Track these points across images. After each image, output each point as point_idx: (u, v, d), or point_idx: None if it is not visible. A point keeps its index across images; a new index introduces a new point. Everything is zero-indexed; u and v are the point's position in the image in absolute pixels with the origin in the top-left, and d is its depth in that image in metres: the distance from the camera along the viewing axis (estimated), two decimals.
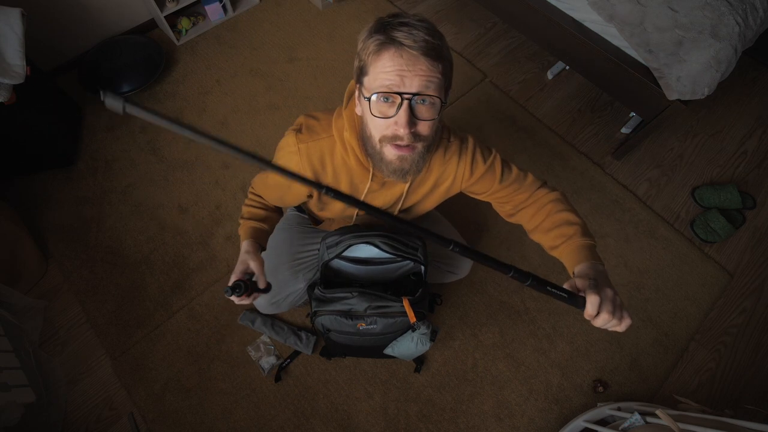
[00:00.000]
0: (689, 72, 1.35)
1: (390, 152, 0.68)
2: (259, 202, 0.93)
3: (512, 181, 0.86)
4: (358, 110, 0.73)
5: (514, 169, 0.86)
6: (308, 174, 0.79)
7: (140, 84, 1.82)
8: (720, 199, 1.67)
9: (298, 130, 0.79)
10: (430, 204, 0.93)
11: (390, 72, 0.61)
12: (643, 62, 1.46)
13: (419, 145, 0.68)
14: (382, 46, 0.62)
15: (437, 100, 0.64)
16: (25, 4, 1.58)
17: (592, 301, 0.59)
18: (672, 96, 1.38)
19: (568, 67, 2.01)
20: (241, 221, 0.90)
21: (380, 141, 0.68)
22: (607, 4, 1.46)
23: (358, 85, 0.69)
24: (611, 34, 1.51)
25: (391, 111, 0.64)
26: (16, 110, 1.38)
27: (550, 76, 2.01)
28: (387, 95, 0.62)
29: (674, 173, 1.80)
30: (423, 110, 0.64)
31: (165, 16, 1.90)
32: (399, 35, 0.60)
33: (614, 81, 1.59)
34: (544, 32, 1.72)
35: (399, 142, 0.66)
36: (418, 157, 0.70)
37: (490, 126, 1.87)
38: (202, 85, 1.92)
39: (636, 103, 1.58)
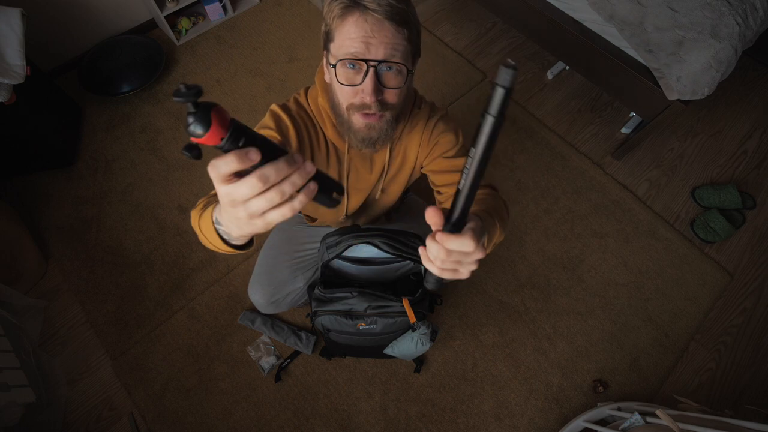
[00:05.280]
0: (689, 72, 1.35)
1: (358, 120, 0.68)
2: None
3: (461, 166, 0.78)
4: (327, 77, 0.72)
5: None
6: (293, 143, 0.77)
7: (140, 84, 1.82)
8: (720, 199, 1.67)
9: (276, 108, 0.78)
10: (402, 180, 0.91)
11: (355, 39, 0.60)
12: (643, 62, 1.46)
13: (387, 114, 0.67)
14: (346, 10, 0.60)
15: (404, 68, 0.63)
16: (25, 4, 1.58)
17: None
18: (672, 96, 1.38)
19: (568, 67, 2.01)
20: (202, 212, 0.58)
21: (348, 109, 0.67)
22: (607, 4, 1.46)
23: (325, 52, 0.68)
24: (611, 34, 1.51)
25: (358, 78, 0.63)
26: (16, 110, 1.38)
27: (550, 76, 2.01)
28: (353, 62, 0.62)
29: (674, 173, 1.80)
30: (390, 78, 0.63)
31: (165, 16, 1.90)
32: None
33: (614, 81, 1.59)
34: (544, 32, 1.72)
35: (367, 111, 0.65)
36: (387, 126, 0.70)
37: None
38: (202, 85, 1.91)
39: (636, 103, 1.58)
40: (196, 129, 0.31)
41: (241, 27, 2.10)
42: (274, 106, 0.79)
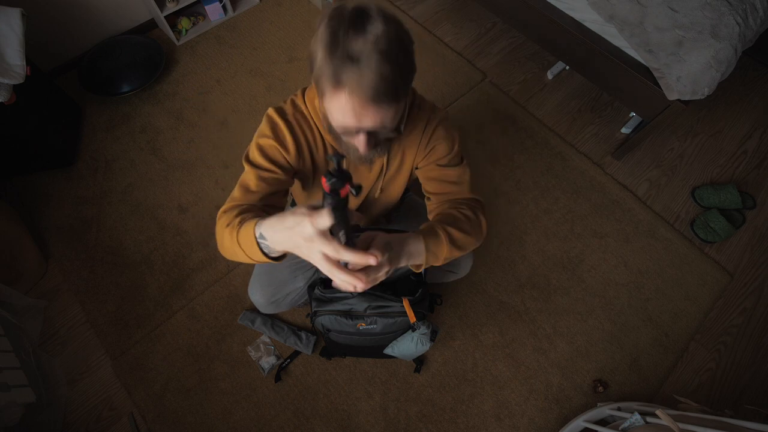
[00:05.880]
0: (689, 72, 1.35)
1: (353, 147, 0.70)
2: (247, 206, 0.73)
3: (451, 177, 0.84)
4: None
5: (463, 168, 0.85)
6: (291, 148, 0.78)
7: (140, 84, 1.82)
8: (720, 199, 1.67)
9: (272, 112, 0.80)
10: (401, 179, 0.92)
11: (347, 112, 0.59)
12: (643, 62, 1.46)
13: (381, 143, 0.71)
14: (336, 87, 0.58)
15: (396, 129, 0.67)
16: (25, 4, 1.58)
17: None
18: (672, 96, 1.38)
19: (568, 67, 2.01)
20: (239, 227, 0.64)
21: (344, 135, 0.69)
22: (607, 4, 1.46)
23: (314, 81, 0.64)
24: (611, 34, 1.51)
25: (352, 132, 0.65)
26: (16, 110, 1.38)
27: (550, 76, 2.01)
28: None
29: (674, 173, 1.80)
30: (382, 134, 0.66)
31: (165, 16, 1.90)
32: (350, 80, 0.55)
33: (614, 81, 1.59)
34: (544, 32, 1.72)
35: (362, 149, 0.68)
36: (382, 147, 0.73)
37: (490, 126, 1.87)
38: (202, 85, 1.92)
39: (636, 103, 1.58)
40: (339, 184, 0.48)
41: (241, 27, 2.10)
42: (270, 111, 0.80)
